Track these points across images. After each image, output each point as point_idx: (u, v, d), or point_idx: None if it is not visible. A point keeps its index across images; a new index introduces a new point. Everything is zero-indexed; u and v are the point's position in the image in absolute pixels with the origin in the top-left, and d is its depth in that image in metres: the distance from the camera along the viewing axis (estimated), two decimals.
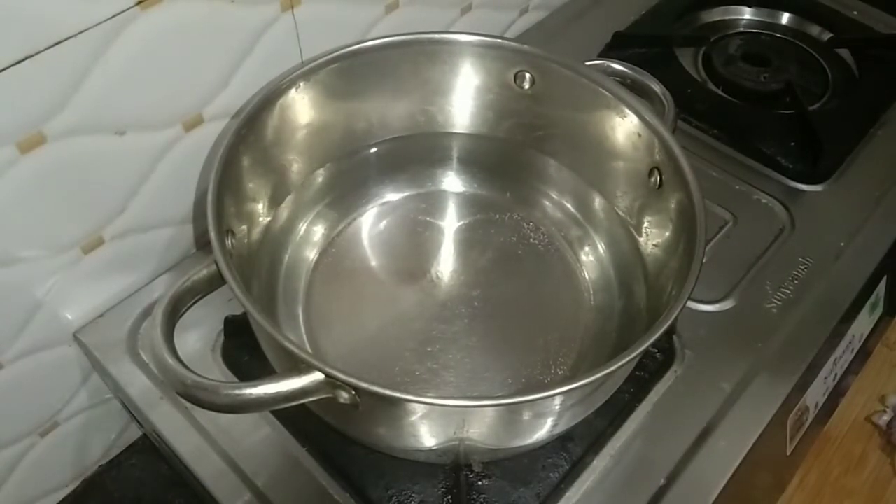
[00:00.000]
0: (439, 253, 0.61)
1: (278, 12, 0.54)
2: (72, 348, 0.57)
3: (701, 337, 0.58)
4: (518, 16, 0.81)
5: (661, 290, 0.51)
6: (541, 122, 0.60)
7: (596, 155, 0.58)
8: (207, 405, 0.39)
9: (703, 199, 0.47)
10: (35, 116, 0.44)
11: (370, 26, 0.62)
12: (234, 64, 0.54)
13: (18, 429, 0.57)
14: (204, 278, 0.43)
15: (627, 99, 0.53)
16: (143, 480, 0.63)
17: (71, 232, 0.52)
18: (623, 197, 0.58)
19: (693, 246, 0.45)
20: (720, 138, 0.73)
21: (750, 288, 0.62)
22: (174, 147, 0.54)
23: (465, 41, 0.57)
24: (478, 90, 0.60)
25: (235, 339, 0.57)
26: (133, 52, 0.46)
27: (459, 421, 0.42)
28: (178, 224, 0.59)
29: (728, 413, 0.55)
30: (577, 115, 0.57)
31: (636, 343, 0.40)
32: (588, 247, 0.61)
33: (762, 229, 0.66)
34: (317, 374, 0.39)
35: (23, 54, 0.41)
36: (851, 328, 0.66)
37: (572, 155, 0.61)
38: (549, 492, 0.50)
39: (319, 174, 0.60)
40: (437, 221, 0.63)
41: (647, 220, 0.55)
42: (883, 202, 0.69)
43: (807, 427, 0.66)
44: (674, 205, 0.51)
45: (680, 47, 0.81)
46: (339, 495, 0.50)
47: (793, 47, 0.83)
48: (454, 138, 0.63)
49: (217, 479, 0.51)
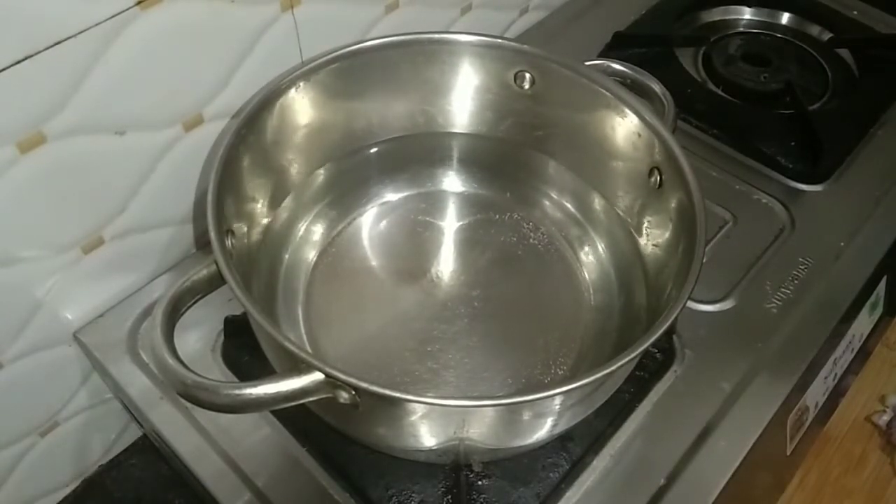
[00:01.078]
0: (439, 253, 0.61)
1: (278, 12, 0.54)
2: (72, 348, 0.57)
3: (701, 337, 0.58)
4: (518, 16, 0.81)
5: (661, 290, 0.51)
6: (541, 122, 0.60)
7: (596, 155, 0.58)
8: (207, 405, 0.39)
9: (703, 199, 0.47)
10: (35, 116, 0.44)
11: (370, 26, 0.62)
12: (234, 64, 0.54)
13: (18, 429, 0.57)
14: (204, 278, 0.43)
15: (627, 99, 0.53)
16: (143, 480, 0.63)
17: (71, 232, 0.52)
18: (623, 197, 0.58)
19: (693, 246, 0.45)
20: (720, 138, 0.73)
21: (750, 288, 0.62)
22: (174, 147, 0.54)
23: (464, 41, 0.57)
24: (477, 90, 0.60)
25: (235, 339, 0.57)
26: (133, 52, 0.46)
27: (459, 421, 0.43)
28: (178, 224, 0.59)
29: (728, 413, 0.55)
30: (577, 115, 0.57)
31: (636, 343, 0.40)
32: (588, 247, 0.61)
33: (762, 229, 0.66)
34: (317, 374, 0.39)
35: (23, 54, 0.41)
36: (851, 328, 0.66)
37: (572, 155, 0.61)
38: (549, 492, 0.50)
39: (319, 174, 0.60)
40: (437, 221, 0.63)
41: (647, 220, 0.55)
42: (883, 202, 0.69)
43: (807, 427, 0.66)
44: (674, 205, 0.51)
45: (680, 47, 0.81)
46: (339, 495, 0.50)
47: (793, 47, 0.83)
48: (454, 138, 0.63)
49: (217, 479, 0.51)
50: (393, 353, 0.55)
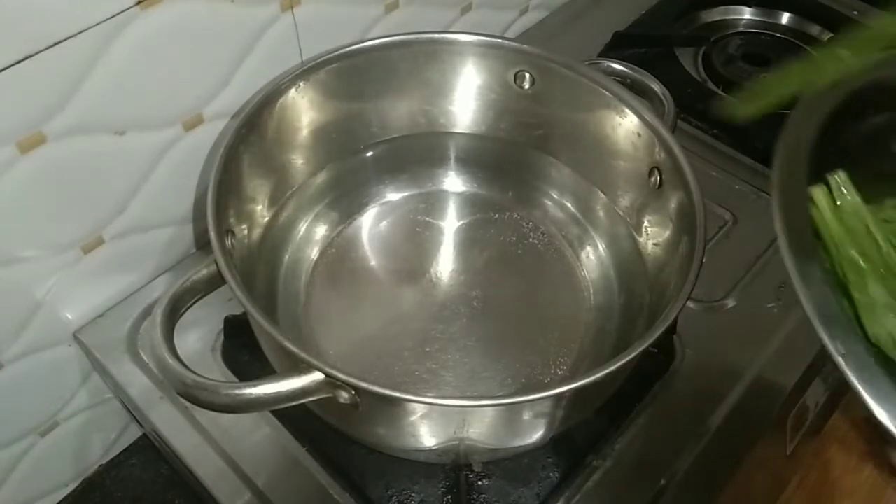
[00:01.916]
0: (439, 253, 0.61)
1: (278, 12, 0.54)
2: (72, 348, 0.57)
3: (701, 337, 0.58)
4: (518, 16, 0.81)
5: (662, 290, 0.51)
6: (540, 121, 0.60)
7: (596, 155, 0.58)
8: (207, 405, 0.39)
9: (703, 198, 0.47)
10: (35, 116, 0.44)
11: (370, 26, 0.62)
12: (234, 64, 0.54)
13: (18, 429, 0.57)
14: (204, 278, 0.43)
15: (627, 99, 0.53)
16: (143, 480, 0.63)
17: (71, 232, 0.52)
18: (623, 196, 0.58)
19: (693, 246, 0.45)
20: (720, 138, 0.73)
21: (750, 288, 0.62)
22: (174, 147, 0.54)
23: (465, 41, 0.57)
24: (478, 90, 0.60)
25: (235, 339, 0.57)
26: (133, 52, 0.46)
27: (459, 421, 0.43)
28: (178, 224, 0.59)
29: (728, 413, 0.55)
30: (577, 114, 0.57)
31: (636, 343, 0.40)
32: (588, 246, 0.61)
33: (762, 229, 0.66)
34: (317, 374, 0.39)
35: (23, 54, 0.41)
36: None
37: (572, 155, 0.61)
38: (549, 492, 0.50)
39: (319, 174, 0.60)
40: (437, 221, 0.63)
41: (647, 220, 0.55)
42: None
43: (807, 427, 0.66)
44: (674, 204, 0.51)
45: (680, 47, 0.81)
46: (339, 495, 0.50)
47: (793, 47, 0.83)
48: (454, 138, 0.63)
49: (217, 479, 0.51)
50: (393, 353, 0.55)
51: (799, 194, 0.38)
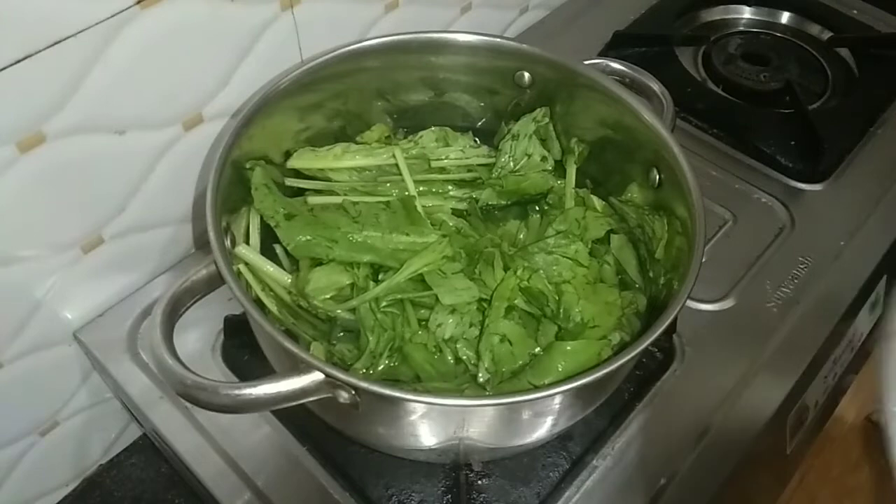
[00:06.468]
0: None
1: (278, 12, 0.54)
2: (72, 348, 0.57)
3: (701, 336, 0.58)
4: (518, 15, 0.81)
5: (661, 289, 0.51)
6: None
7: (595, 154, 0.58)
8: (207, 405, 0.39)
9: (703, 198, 0.47)
10: (35, 116, 0.44)
11: (370, 26, 0.62)
12: (234, 63, 0.54)
13: (18, 428, 0.57)
14: (203, 278, 0.43)
15: (626, 98, 0.53)
16: (143, 480, 0.63)
17: (71, 232, 0.52)
18: (622, 195, 0.58)
19: (693, 245, 0.45)
20: (720, 138, 0.73)
21: (750, 287, 0.62)
22: (174, 147, 0.54)
23: (464, 41, 0.57)
24: (478, 90, 0.60)
25: (235, 339, 0.57)
26: (133, 52, 0.46)
27: (459, 420, 0.43)
28: (178, 224, 0.59)
29: (728, 412, 0.55)
30: (577, 114, 0.57)
31: (636, 342, 0.40)
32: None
33: (762, 229, 0.66)
34: (317, 374, 0.39)
35: (23, 54, 0.41)
36: (851, 327, 0.66)
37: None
38: (549, 491, 0.50)
39: None
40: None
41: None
42: (883, 202, 0.69)
43: (807, 427, 0.66)
44: (673, 204, 0.51)
45: (680, 46, 0.81)
46: (339, 495, 0.50)
47: (793, 47, 0.83)
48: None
49: (217, 479, 0.51)
50: None
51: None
